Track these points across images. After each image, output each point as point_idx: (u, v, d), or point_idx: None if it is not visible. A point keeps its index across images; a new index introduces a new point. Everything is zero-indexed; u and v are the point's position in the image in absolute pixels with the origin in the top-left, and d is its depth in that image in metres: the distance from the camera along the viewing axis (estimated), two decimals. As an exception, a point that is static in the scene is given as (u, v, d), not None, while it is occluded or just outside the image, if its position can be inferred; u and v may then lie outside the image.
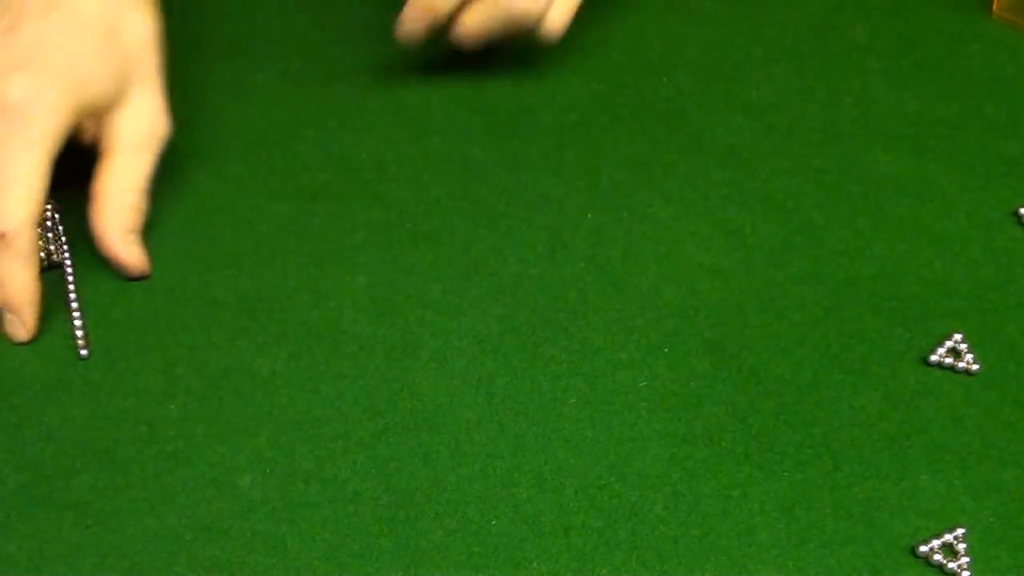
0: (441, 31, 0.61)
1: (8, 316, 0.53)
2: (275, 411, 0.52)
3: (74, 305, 0.54)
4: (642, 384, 0.53)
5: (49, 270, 0.55)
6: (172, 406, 0.52)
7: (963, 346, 0.53)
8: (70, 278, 0.55)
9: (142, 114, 0.56)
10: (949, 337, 0.54)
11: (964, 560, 0.47)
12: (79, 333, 0.53)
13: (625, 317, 0.55)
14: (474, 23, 0.60)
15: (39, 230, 0.53)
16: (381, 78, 0.66)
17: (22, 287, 0.52)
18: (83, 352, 0.52)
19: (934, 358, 0.53)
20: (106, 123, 0.55)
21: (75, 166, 0.56)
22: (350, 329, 0.54)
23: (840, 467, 0.50)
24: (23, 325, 0.53)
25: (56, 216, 0.56)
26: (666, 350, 0.54)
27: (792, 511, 0.48)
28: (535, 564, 0.47)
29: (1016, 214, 0.59)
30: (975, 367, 0.53)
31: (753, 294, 0.56)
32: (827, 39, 0.69)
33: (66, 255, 0.55)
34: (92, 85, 0.53)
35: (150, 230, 0.57)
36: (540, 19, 0.61)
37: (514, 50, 0.66)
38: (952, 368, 0.53)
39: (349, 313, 0.55)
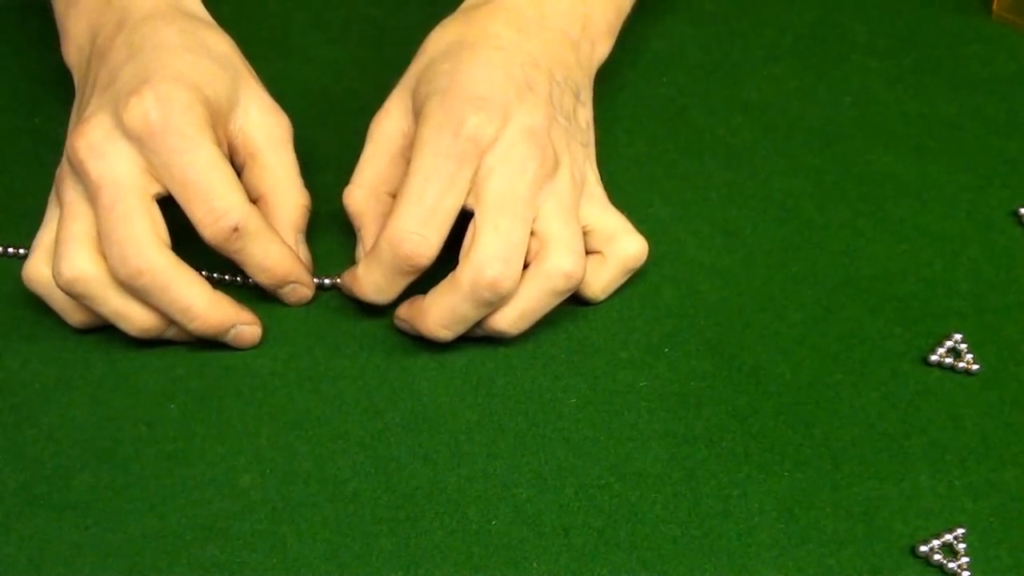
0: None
1: (286, 289, 0.54)
2: (275, 411, 0.52)
3: None
4: (642, 384, 0.53)
5: None
6: (172, 406, 0.52)
7: (963, 346, 0.53)
8: None
9: (263, 113, 0.55)
10: (949, 337, 0.54)
11: (964, 560, 0.47)
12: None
13: (625, 317, 0.55)
14: (443, 309, 0.51)
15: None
16: (381, 78, 0.66)
17: (281, 258, 0.53)
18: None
19: (934, 358, 0.53)
20: (232, 131, 0.54)
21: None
22: (350, 329, 0.54)
23: (840, 467, 0.50)
24: (304, 286, 0.54)
25: None
26: (666, 350, 0.54)
27: (792, 511, 0.48)
28: (535, 564, 0.47)
29: (1016, 214, 0.59)
30: (975, 367, 0.53)
31: (753, 294, 0.56)
32: (827, 39, 0.69)
33: None
34: (208, 85, 0.52)
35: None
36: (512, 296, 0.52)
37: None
38: (952, 368, 0.53)
39: (349, 313, 0.55)
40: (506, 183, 0.51)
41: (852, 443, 0.50)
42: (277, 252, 0.53)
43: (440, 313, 0.51)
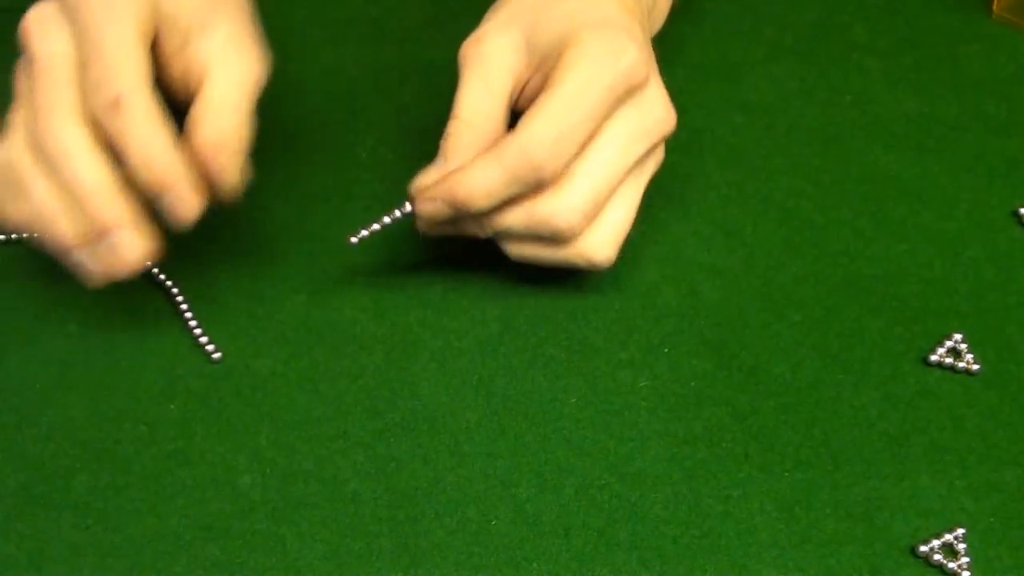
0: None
1: (167, 199, 0.48)
2: (275, 411, 0.52)
3: (188, 315, 0.54)
4: (642, 384, 0.53)
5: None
6: (172, 406, 0.52)
7: (963, 346, 0.53)
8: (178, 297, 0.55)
9: (231, 43, 0.50)
10: (949, 337, 0.54)
11: (964, 560, 0.47)
12: (203, 340, 0.54)
13: (625, 317, 0.55)
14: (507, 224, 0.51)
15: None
16: (381, 78, 0.66)
17: (161, 157, 0.47)
18: (216, 356, 0.53)
19: (934, 358, 0.53)
20: (189, 54, 0.50)
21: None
22: (350, 329, 0.54)
23: (840, 467, 0.50)
24: (185, 204, 0.48)
25: None
26: (666, 350, 0.54)
27: (792, 511, 0.48)
28: (535, 564, 0.47)
29: (1016, 214, 0.59)
30: (975, 367, 0.53)
31: (753, 294, 0.56)
32: (827, 39, 0.69)
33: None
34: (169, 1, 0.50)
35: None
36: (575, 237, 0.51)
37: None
38: (952, 368, 0.53)
39: (349, 313, 0.55)
40: (624, 146, 0.50)
41: (852, 443, 0.50)
42: (159, 149, 0.47)
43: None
